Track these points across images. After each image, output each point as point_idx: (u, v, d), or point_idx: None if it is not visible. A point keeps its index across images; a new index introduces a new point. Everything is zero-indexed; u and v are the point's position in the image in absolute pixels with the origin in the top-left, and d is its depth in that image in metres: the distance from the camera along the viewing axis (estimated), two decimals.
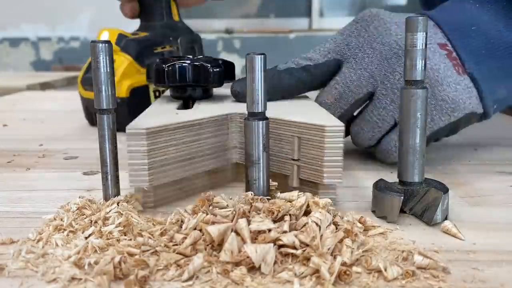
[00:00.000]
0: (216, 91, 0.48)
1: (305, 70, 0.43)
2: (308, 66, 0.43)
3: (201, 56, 0.45)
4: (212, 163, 0.36)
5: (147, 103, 0.58)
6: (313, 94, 0.45)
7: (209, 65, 0.41)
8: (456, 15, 0.43)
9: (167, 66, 0.40)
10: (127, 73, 0.56)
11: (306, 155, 0.33)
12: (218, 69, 0.41)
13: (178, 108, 0.40)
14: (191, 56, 0.43)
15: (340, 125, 0.32)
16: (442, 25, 0.42)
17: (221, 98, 0.45)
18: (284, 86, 0.43)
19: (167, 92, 0.47)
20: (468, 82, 0.40)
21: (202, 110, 0.38)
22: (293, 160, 0.34)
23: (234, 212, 0.26)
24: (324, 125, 0.31)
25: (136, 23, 0.63)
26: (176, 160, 0.33)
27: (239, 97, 0.42)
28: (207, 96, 0.44)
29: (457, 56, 0.40)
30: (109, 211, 0.29)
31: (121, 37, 0.57)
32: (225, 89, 0.47)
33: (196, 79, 0.41)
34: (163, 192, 0.34)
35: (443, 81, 0.39)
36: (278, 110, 0.37)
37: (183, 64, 0.40)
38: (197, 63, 0.41)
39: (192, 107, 0.41)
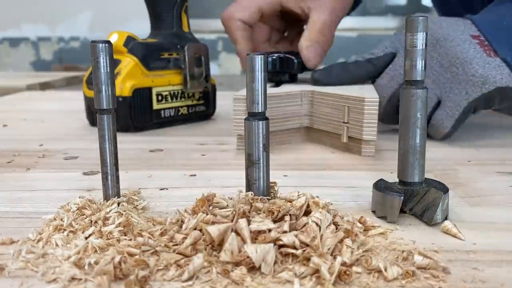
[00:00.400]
0: (302, 76, 0.61)
1: (369, 62, 0.55)
2: (371, 58, 0.55)
3: (291, 51, 0.58)
4: (289, 124, 0.50)
5: (148, 105, 0.59)
6: None
7: (293, 57, 0.56)
8: (489, 15, 0.53)
9: None
10: (132, 74, 0.57)
11: (352, 119, 0.46)
12: (299, 60, 0.56)
13: (271, 87, 0.53)
14: (282, 51, 0.57)
15: (375, 97, 0.44)
16: (476, 22, 0.51)
17: (303, 82, 0.58)
18: (352, 75, 0.55)
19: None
20: (500, 63, 0.48)
21: (283, 88, 0.52)
22: (344, 122, 0.47)
23: (234, 212, 0.26)
24: (364, 97, 0.44)
25: (141, 27, 0.64)
26: None
27: (317, 83, 0.54)
28: (293, 80, 0.58)
29: (489, 45, 0.49)
30: (109, 211, 0.29)
31: (129, 39, 0.59)
32: (306, 76, 0.60)
33: (283, 67, 0.56)
34: None
35: (471, 60, 0.48)
36: (338, 89, 0.50)
37: (273, 57, 0.55)
38: (283, 56, 0.56)
39: (279, 86, 0.54)
